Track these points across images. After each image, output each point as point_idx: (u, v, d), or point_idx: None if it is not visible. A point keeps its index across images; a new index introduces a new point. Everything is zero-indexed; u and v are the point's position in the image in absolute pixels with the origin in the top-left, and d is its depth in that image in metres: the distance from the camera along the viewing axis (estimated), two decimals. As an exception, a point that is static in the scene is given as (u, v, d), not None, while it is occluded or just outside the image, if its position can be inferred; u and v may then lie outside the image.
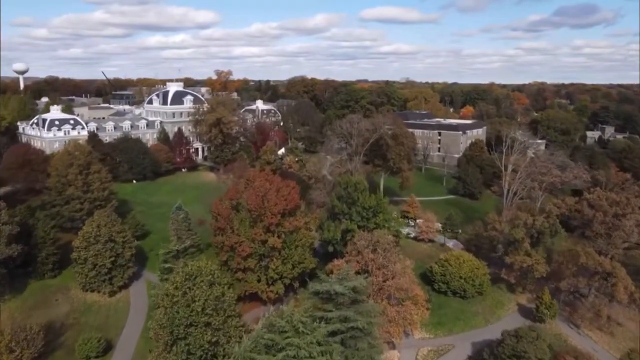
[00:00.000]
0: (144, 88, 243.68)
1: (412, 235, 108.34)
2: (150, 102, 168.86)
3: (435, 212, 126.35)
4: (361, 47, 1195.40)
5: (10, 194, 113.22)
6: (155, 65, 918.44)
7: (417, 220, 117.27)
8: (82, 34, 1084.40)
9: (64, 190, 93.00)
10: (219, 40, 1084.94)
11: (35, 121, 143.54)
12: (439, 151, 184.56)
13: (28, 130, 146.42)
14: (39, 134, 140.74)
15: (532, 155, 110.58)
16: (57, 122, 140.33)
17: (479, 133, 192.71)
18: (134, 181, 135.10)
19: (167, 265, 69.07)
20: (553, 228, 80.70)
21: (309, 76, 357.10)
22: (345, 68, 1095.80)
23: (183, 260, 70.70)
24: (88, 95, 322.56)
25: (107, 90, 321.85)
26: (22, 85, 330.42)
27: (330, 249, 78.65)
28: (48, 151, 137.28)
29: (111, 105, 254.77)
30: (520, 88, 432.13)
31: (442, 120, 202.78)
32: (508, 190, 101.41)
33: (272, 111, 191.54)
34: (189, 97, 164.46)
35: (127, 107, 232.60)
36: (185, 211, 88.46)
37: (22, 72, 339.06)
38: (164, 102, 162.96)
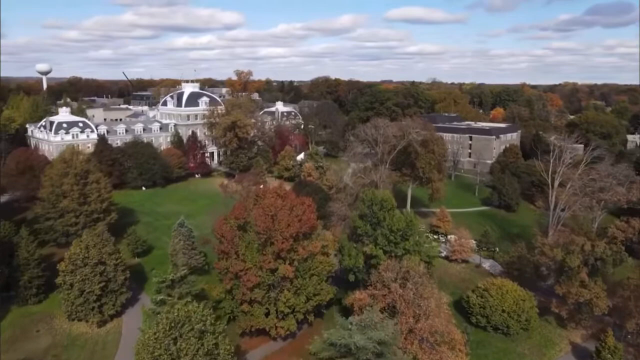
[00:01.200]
0: (162, 89, 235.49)
1: (443, 254, 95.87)
2: (165, 103, 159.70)
3: (467, 226, 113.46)
4: (386, 48, 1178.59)
5: (8, 203, 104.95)
6: (182, 66, 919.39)
7: (449, 237, 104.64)
8: (112, 35, 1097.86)
9: (58, 202, 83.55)
10: (244, 41, 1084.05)
11: (43, 124, 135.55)
12: (469, 157, 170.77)
13: (37, 134, 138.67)
14: (46, 137, 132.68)
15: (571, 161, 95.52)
16: (65, 125, 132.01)
17: (513, 137, 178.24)
18: (144, 188, 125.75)
19: (160, 297, 58.46)
20: (617, 256, 67.39)
21: (333, 76, 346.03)
22: (369, 68, 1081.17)
23: (179, 291, 60.27)
24: (109, 96, 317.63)
25: (129, 91, 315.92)
26: (45, 86, 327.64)
27: (352, 277, 66.91)
28: (55, 155, 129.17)
29: (130, 107, 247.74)
30: (551, 89, 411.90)
31: (472, 124, 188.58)
32: (555, 206, 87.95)
33: (293, 113, 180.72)
34: (205, 99, 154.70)
35: (145, 108, 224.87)
36: (189, 228, 77.91)
37: (45, 73, 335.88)
38: (179, 104, 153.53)
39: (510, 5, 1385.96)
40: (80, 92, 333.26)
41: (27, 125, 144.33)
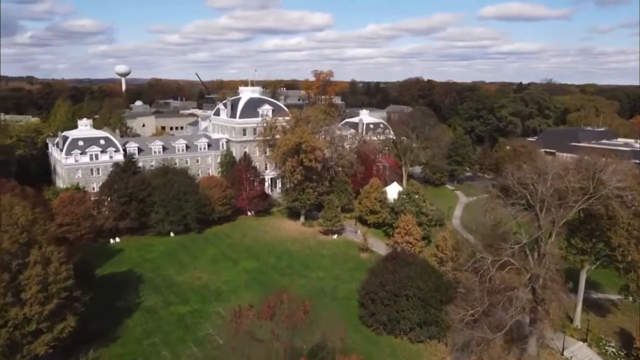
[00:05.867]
0: (228, 91, 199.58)
1: None
2: (218, 113, 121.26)
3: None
4: (478, 47, 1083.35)
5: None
6: (271, 67, 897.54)
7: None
8: (208, 38, 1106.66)
9: (-34, 303, 45.46)
10: (332, 42, 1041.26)
11: (58, 140, 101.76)
12: None
13: (54, 152, 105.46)
14: (59, 157, 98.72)
15: None
16: (80, 143, 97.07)
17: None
18: (172, 234, 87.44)
19: None
20: None
21: (419, 77, 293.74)
22: (458, 69, 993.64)
23: None
24: (183, 98, 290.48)
25: (204, 93, 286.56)
26: (124, 87, 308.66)
27: None
28: (67, 183, 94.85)
29: (198, 111, 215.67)
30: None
31: (636, 144, 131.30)
32: None
33: (381, 125, 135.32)
34: (267, 107, 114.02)
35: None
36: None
37: (125, 75, 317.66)
38: (232, 114, 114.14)
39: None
40: (158, 94, 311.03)
41: (47, 140, 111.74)
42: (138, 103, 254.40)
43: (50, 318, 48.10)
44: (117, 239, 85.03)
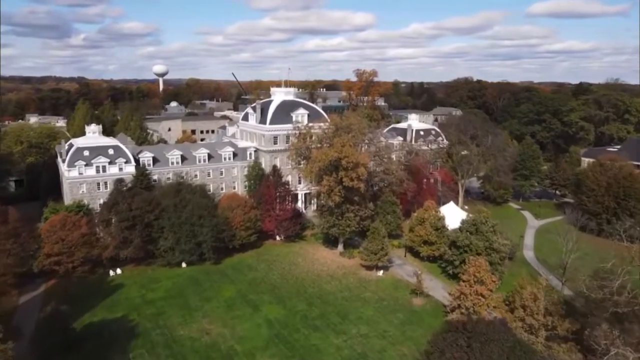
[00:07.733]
0: (263, 92, 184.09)
1: None
2: (246, 117, 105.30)
3: None
4: (526, 46, 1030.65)
5: None
6: (311, 68, 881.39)
7: None
8: (251, 39, 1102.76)
9: None
10: (374, 42, 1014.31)
11: (62, 150, 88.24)
12: None
13: (60, 162, 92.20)
14: (62, 169, 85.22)
15: None
16: (86, 153, 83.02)
17: None
18: (184, 264, 72.01)
19: None
20: None
21: (470, 77, 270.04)
22: (503, 69, 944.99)
23: None
24: (219, 99, 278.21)
25: (241, 94, 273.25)
26: (161, 87, 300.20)
27: None
28: (69, 200, 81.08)
29: (232, 113, 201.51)
30: None
31: None
32: None
33: (432, 132, 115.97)
34: (301, 112, 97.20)
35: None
36: None
37: (162, 75, 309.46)
38: (262, 119, 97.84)
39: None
40: (195, 95, 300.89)
41: (57, 147, 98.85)
42: (173, 104, 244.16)
43: None
44: (118, 271, 70.25)
